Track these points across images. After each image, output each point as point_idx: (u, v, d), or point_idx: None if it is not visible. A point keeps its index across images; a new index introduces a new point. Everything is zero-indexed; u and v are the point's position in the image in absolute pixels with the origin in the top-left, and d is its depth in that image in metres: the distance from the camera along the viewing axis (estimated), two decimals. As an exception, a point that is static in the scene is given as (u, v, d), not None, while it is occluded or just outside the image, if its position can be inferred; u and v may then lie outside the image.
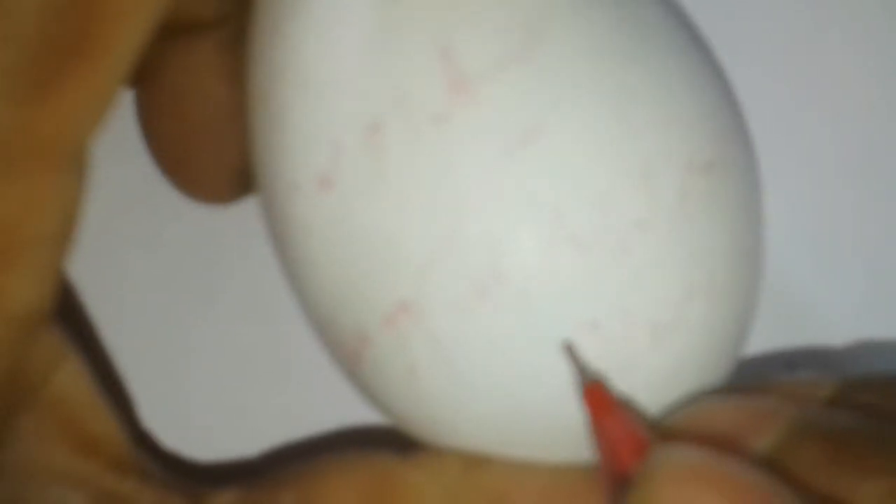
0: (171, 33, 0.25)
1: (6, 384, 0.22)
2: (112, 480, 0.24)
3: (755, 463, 0.22)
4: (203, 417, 0.27)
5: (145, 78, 0.26)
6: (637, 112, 0.22)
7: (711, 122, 0.23)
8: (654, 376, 0.22)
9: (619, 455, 0.22)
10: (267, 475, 0.25)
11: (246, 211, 0.27)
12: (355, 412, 0.26)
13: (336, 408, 0.27)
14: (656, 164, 0.22)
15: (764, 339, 0.27)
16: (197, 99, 0.25)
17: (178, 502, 0.24)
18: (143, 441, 0.26)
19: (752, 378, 0.25)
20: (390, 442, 0.25)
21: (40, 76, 0.21)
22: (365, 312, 0.22)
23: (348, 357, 0.23)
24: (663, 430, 0.23)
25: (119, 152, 0.27)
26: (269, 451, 0.27)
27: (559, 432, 0.23)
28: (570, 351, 0.22)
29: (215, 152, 0.26)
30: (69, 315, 0.25)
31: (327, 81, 0.22)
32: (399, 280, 0.22)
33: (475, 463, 0.24)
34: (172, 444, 0.27)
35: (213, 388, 0.27)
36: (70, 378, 0.24)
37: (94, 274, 0.27)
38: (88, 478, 0.24)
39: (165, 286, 0.28)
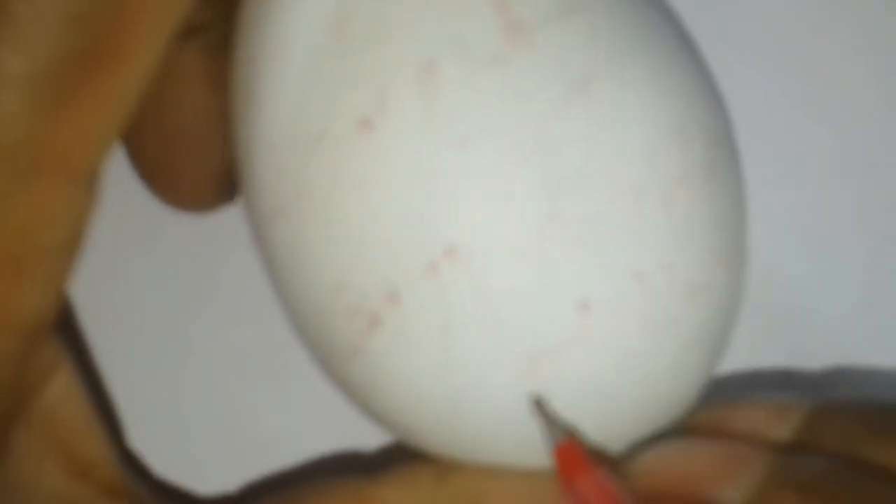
0: None
1: (8, 395, 0.23)
2: None
3: None
4: (189, 441, 0.27)
5: None
6: (671, 77, 0.23)
7: (720, 102, 0.24)
8: (686, 335, 0.23)
9: (591, 515, 0.21)
10: None
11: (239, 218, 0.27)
12: (339, 434, 0.27)
13: (321, 433, 0.27)
14: (689, 127, 0.23)
15: (745, 355, 0.27)
16: (179, 105, 0.25)
17: None
18: (130, 462, 0.27)
19: (727, 396, 0.25)
20: (363, 467, 0.25)
21: (60, 88, 0.21)
22: (400, 265, 0.22)
23: (357, 333, 0.22)
24: (633, 483, 0.23)
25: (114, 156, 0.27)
26: (249, 483, 0.27)
27: None
28: (540, 406, 0.22)
29: (197, 159, 0.25)
30: (64, 328, 0.25)
31: (374, 23, 0.22)
32: (450, 223, 0.22)
33: (447, 470, 0.24)
34: (160, 467, 0.27)
35: (200, 411, 0.27)
36: (63, 390, 0.24)
37: (87, 281, 0.27)
38: (81, 503, 0.24)
39: (156, 299, 0.28)
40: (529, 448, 0.23)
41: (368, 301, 0.22)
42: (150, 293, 0.28)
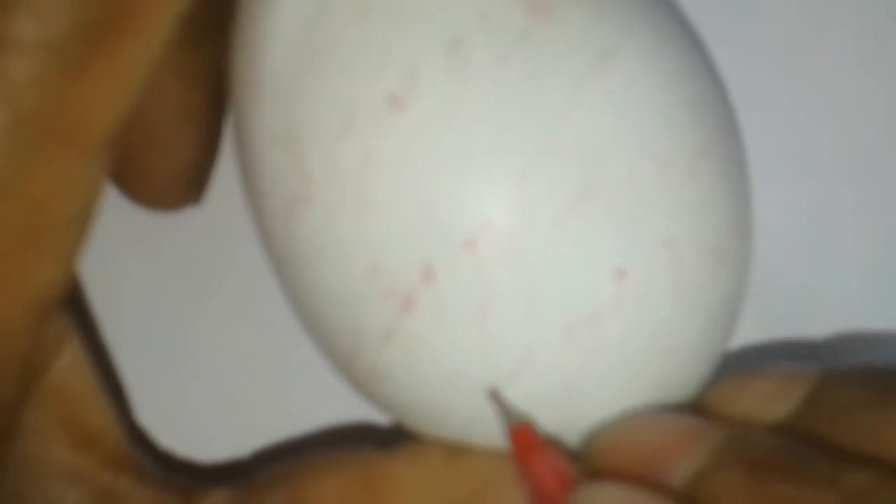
0: None
1: (23, 368, 0.23)
2: (109, 477, 0.24)
3: (675, 498, 0.22)
4: (197, 415, 0.28)
5: None
6: (685, 55, 0.24)
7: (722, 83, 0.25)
8: (710, 305, 0.23)
9: (546, 493, 0.23)
10: (256, 475, 0.25)
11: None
12: (344, 411, 0.27)
13: (325, 407, 0.27)
14: (706, 103, 0.23)
15: (750, 331, 0.27)
16: (150, 100, 0.24)
17: (172, 500, 0.25)
18: (137, 437, 0.27)
19: (738, 368, 0.25)
20: (375, 440, 0.26)
21: (73, 58, 0.21)
22: (436, 242, 0.22)
23: (391, 316, 0.22)
24: (588, 461, 0.23)
25: None
26: (259, 451, 0.27)
27: None
28: (495, 395, 0.23)
29: (167, 156, 0.25)
30: (72, 307, 0.26)
31: (398, 4, 0.22)
32: (487, 197, 0.22)
33: (456, 452, 0.24)
34: (166, 441, 0.27)
35: (206, 385, 0.28)
36: (71, 364, 0.24)
37: (92, 271, 0.27)
38: (86, 474, 0.24)
39: (161, 284, 0.28)
40: (568, 426, 0.23)
41: (403, 281, 0.22)
42: (155, 277, 0.28)
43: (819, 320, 0.28)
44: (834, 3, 0.28)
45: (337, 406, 0.27)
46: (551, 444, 0.23)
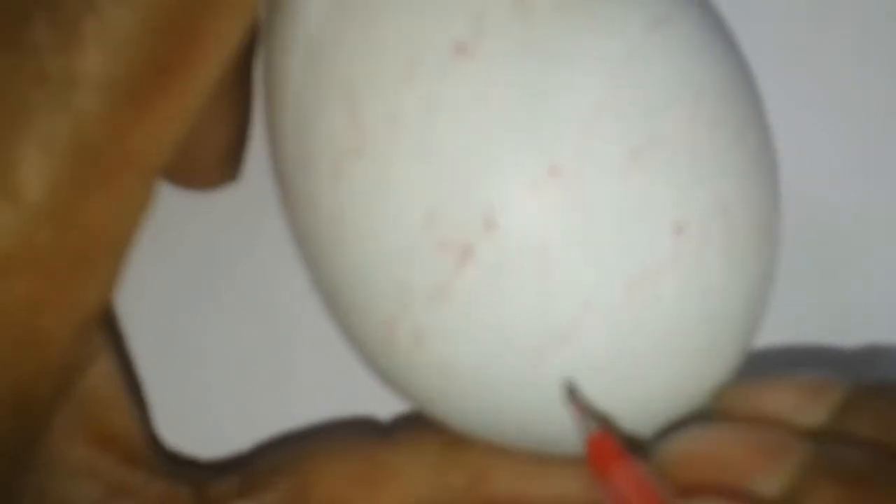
0: None
1: (60, 381, 0.23)
2: (124, 472, 0.25)
3: None
4: (196, 412, 0.27)
5: None
6: (722, 30, 0.24)
7: None
8: (754, 275, 0.23)
9: (630, 508, 0.21)
10: (260, 464, 0.26)
11: (246, 208, 0.27)
12: (343, 406, 0.27)
13: (325, 402, 0.27)
14: (747, 73, 0.24)
15: (776, 333, 0.26)
16: None
17: (183, 491, 0.25)
18: (153, 438, 0.27)
19: (761, 371, 0.25)
20: (374, 434, 0.26)
21: (138, 91, 0.21)
22: (501, 188, 0.22)
23: (445, 270, 0.22)
24: (667, 472, 0.22)
25: None
26: (260, 443, 0.27)
27: None
28: (574, 396, 0.22)
29: (205, 136, 0.25)
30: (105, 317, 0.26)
31: None
32: (552, 143, 0.22)
33: (454, 442, 0.24)
34: (168, 438, 0.27)
35: (205, 382, 0.28)
36: (102, 372, 0.25)
37: None
38: (103, 470, 0.24)
39: (162, 283, 0.28)
40: (617, 390, 0.22)
41: (463, 230, 0.22)
42: (162, 280, 0.28)
43: (851, 331, 0.27)
44: (834, 3, 0.28)
45: (337, 401, 0.27)
46: (631, 450, 0.22)
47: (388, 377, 0.24)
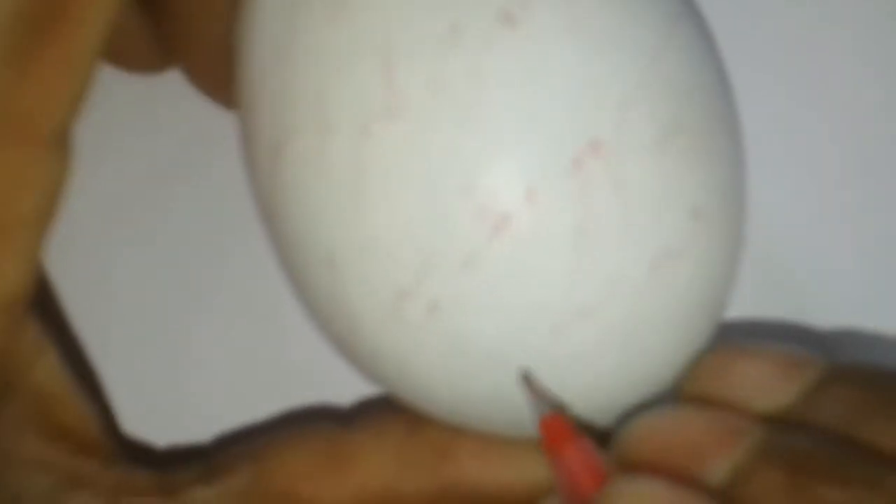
0: None
1: None
2: (78, 462, 0.24)
3: (712, 495, 0.22)
4: (154, 400, 0.28)
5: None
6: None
7: None
8: (737, 266, 0.24)
9: (578, 485, 0.22)
10: (221, 454, 0.25)
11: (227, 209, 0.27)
12: (302, 395, 0.27)
13: (283, 391, 0.27)
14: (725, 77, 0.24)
15: (752, 307, 0.27)
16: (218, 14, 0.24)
17: (141, 477, 0.25)
18: (109, 427, 0.27)
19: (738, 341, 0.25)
20: (336, 421, 0.26)
21: (15, 51, 0.21)
22: (545, 158, 0.22)
23: (478, 238, 0.22)
24: (622, 452, 0.23)
25: (110, 148, 0.27)
26: (221, 435, 0.27)
27: None
28: (528, 380, 0.22)
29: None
30: (45, 305, 0.26)
31: None
32: (596, 117, 0.22)
33: (417, 423, 0.24)
34: (130, 423, 0.27)
35: (164, 370, 0.28)
36: (48, 372, 0.24)
37: (79, 268, 0.27)
38: (57, 461, 0.24)
39: (146, 280, 0.28)
40: (628, 371, 0.23)
41: (501, 199, 0.22)
42: (139, 273, 0.28)
43: (823, 313, 0.27)
44: (834, 3, 0.28)
45: (296, 390, 0.27)
46: (583, 432, 0.22)
47: (375, 355, 0.23)
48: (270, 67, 0.23)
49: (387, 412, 0.25)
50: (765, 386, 0.23)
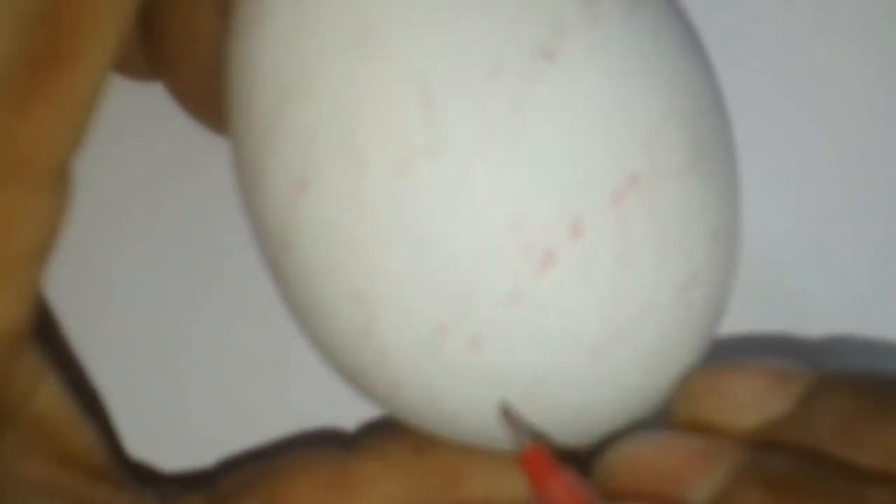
0: None
1: None
2: (89, 487, 0.24)
3: None
4: (161, 424, 0.28)
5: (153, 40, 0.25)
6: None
7: None
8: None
9: (562, 518, 0.22)
10: (227, 480, 0.25)
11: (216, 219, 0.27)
12: (307, 419, 0.27)
13: (287, 415, 0.27)
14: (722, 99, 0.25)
15: (740, 322, 0.27)
16: (206, 35, 0.24)
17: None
18: (116, 451, 0.27)
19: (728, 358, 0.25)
20: (338, 444, 0.26)
21: (16, 90, 0.21)
22: (588, 193, 0.22)
23: (524, 273, 0.22)
24: (604, 480, 0.23)
25: (108, 152, 0.27)
26: (224, 460, 0.27)
27: None
28: (508, 414, 0.22)
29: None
30: (46, 329, 0.26)
31: None
32: (631, 151, 0.22)
33: (425, 444, 0.24)
34: (136, 447, 0.27)
35: (170, 394, 0.28)
36: (50, 398, 0.24)
37: (80, 290, 0.28)
38: (65, 487, 0.24)
39: (151, 304, 0.28)
40: (646, 394, 0.23)
41: (548, 235, 0.22)
42: (129, 281, 0.28)
43: (814, 321, 0.27)
44: (834, 3, 0.28)
45: (299, 414, 0.27)
46: (565, 463, 0.22)
47: (400, 387, 0.23)
48: (283, 102, 0.22)
49: (391, 435, 0.25)
50: (754, 401, 0.23)
